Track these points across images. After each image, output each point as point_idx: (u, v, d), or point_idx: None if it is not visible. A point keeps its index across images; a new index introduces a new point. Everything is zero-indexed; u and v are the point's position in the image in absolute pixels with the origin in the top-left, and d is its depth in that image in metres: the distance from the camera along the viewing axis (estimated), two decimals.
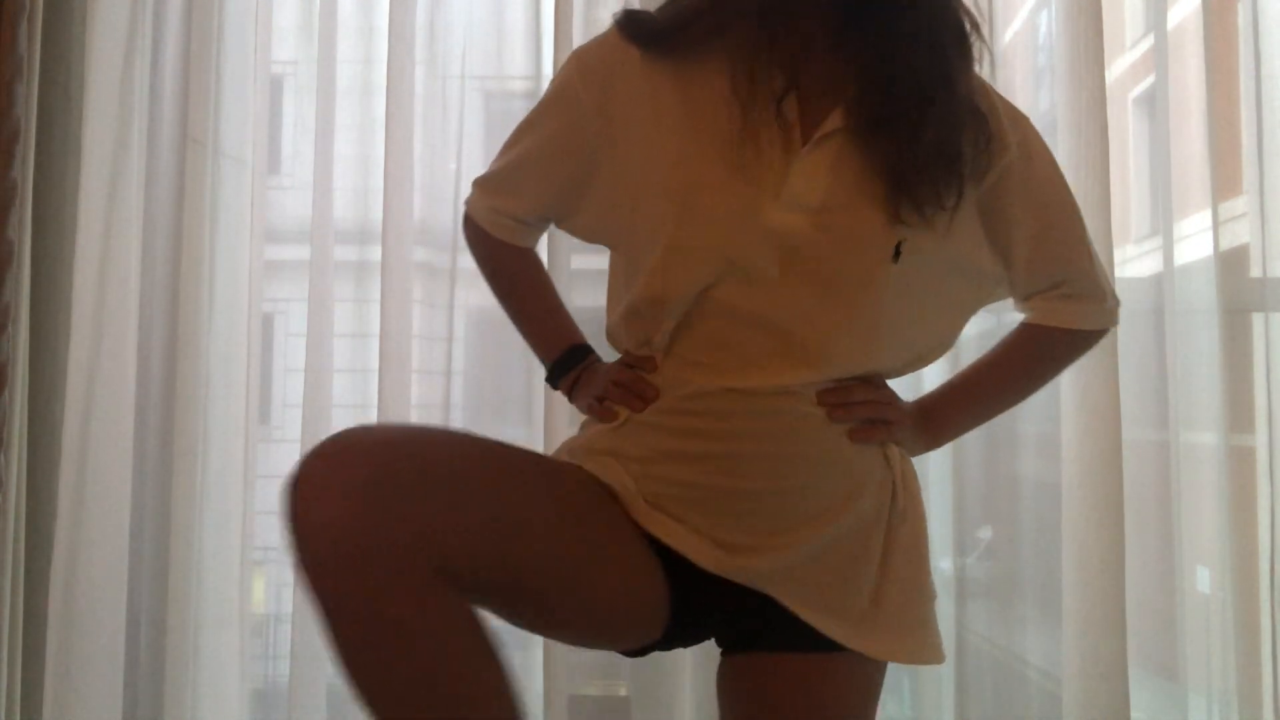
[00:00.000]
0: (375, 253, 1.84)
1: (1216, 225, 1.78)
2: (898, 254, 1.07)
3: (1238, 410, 1.79)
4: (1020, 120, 1.17)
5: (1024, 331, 1.25)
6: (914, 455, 1.22)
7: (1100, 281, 1.22)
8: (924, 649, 1.17)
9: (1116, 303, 1.25)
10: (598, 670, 1.97)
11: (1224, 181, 1.81)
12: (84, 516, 1.77)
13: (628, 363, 1.17)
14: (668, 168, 1.09)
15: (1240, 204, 1.87)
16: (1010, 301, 1.25)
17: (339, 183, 1.89)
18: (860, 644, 1.12)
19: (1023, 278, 1.19)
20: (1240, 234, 1.86)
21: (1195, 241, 1.81)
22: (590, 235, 1.24)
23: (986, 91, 1.15)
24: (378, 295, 1.82)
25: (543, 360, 1.30)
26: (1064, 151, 1.76)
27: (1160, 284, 1.81)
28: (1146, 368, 1.82)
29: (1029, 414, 1.83)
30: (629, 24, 1.15)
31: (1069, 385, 1.74)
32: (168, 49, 1.88)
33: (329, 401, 1.85)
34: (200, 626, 1.82)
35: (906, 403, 1.21)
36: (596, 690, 1.95)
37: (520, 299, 1.33)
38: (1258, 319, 1.84)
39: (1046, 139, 1.20)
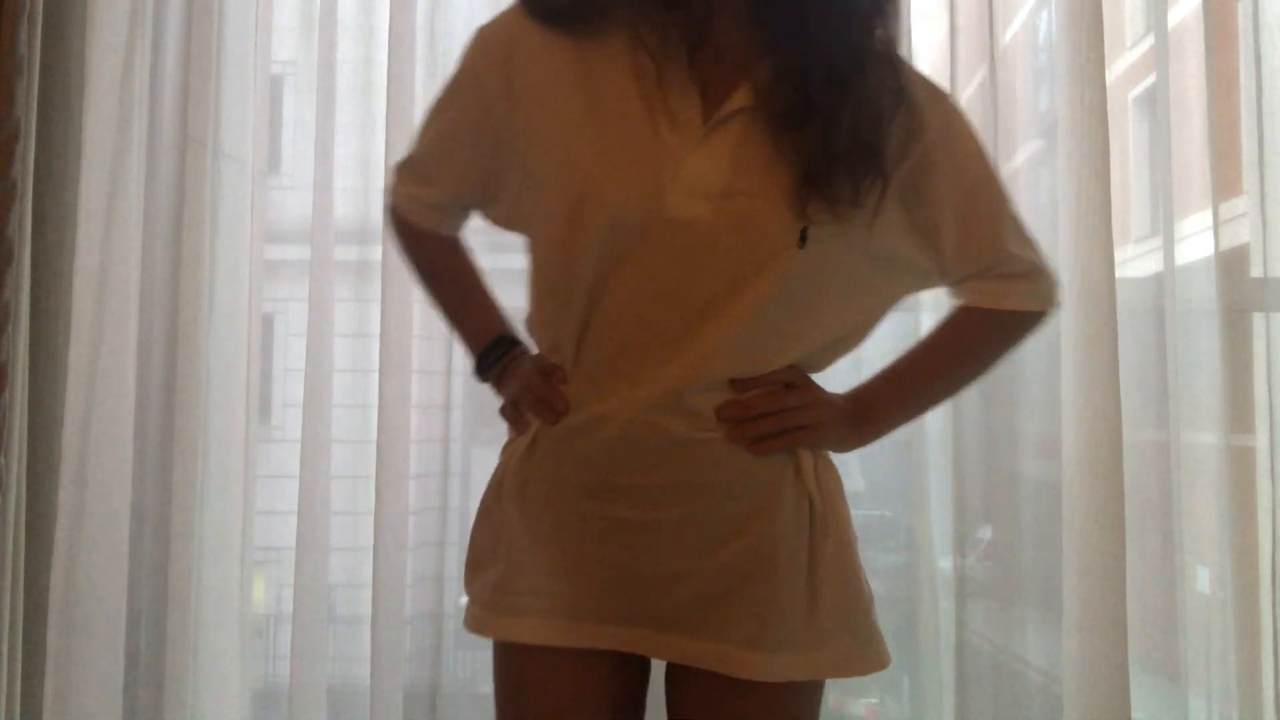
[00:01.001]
0: (375, 253, 1.84)
1: (1217, 225, 1.78)
2: (804, 239, 1.02)
3: (1238, 410, 1.79)
4: (940, 98, 1.12)
5: (959, 315, 1.18)
6: (845, 452, 1.19)
7: (1034, 260, 1.16)
8: (863, 659, 1.12)
9: (1054, 283, 1.18)
10: None
11: (1224, 181, 1.81)
12: (84, 516, 1.76)
13: (542, 368, 1.13)
14: (565, 152, 1.06)
15: (1240, 204, 1.86)
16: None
17: (339, 183, 1.88)
18: (794, 671, 1.07)
19: (953, 261, 1.13)
20: (1240, 234, 1.86)
21: (1195, 241, 1.81)
22: (508, 224, 1.20)
23: (905, 70, 1.10)
24: (378, 295, 1.82)
25: (469, 353, 1.27)
26: (1064, 151, 1.76)
27: (1160, 284, 1.81)
28: (1146, 368, 1.82)
29: (1029, 414, 1.83)
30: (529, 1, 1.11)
31: (1069, 385, 1.74)
32: (168, 49, 1.88)
33: (329, 401, 1.85)
34: (200, 626, 1.82)
35: (836, 396, 1.16)
36: None
37: (445, 288, 1.29)
38: (1258, 319, 1.84)
39: (1046, 139, 1.18)
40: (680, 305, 1.04)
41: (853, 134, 1.02)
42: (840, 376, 1.19)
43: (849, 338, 1.15)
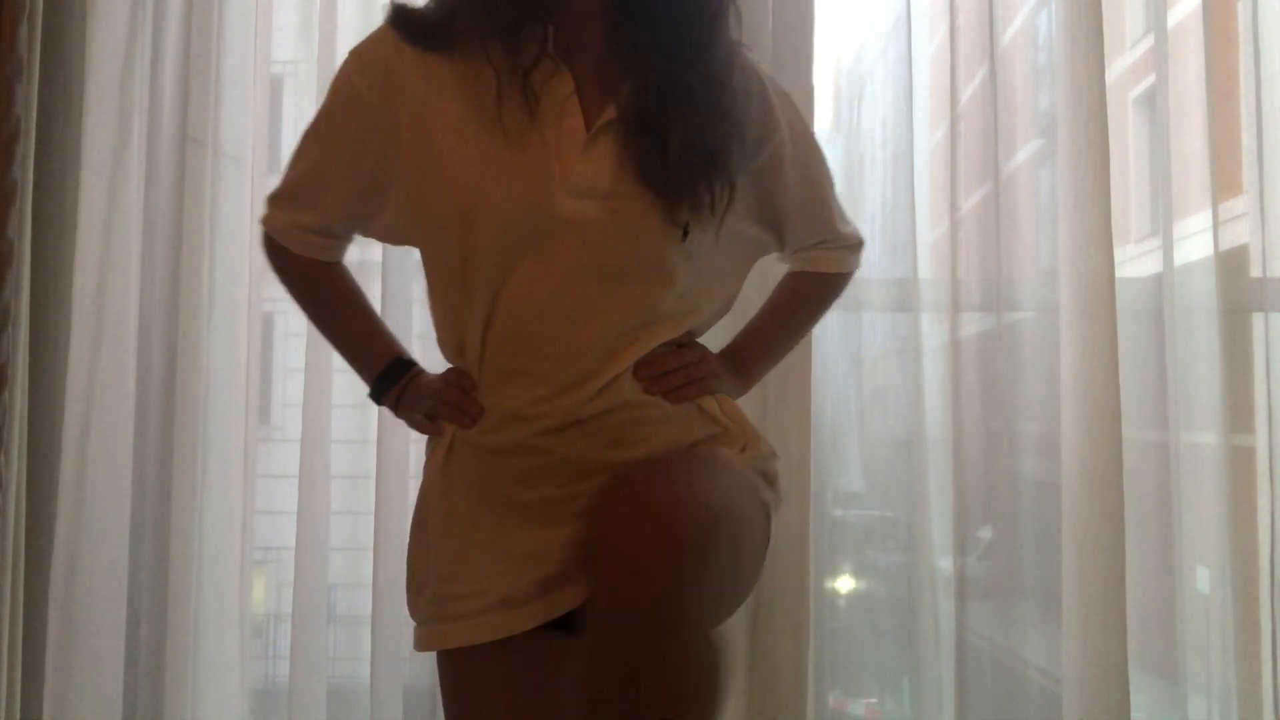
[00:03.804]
0: (375, 253, 1.84)
1: (1216, 225, 1.78)
2: (686, 233, 1.13)
3: (1238, 410, 1.79)
4: (786, 99, 1.26)
5: (795, 279, 1.38)
6: (735, 397, 1.29)
7: (851, 233, 1.36)
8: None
9: (863, 245, 1.39)
10: None
11: (1224, 181, 1.81)
12: (84, 516, 1.76)
13: (454, 381, 1.18)
14: (456, 163, 1.11)
15: (1240, 204, 1.87)
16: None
17: None
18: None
19: (793, 238, 1.31)
20: (1240, 234, 1.86)
21: (1195, 241, 1.81)
22: (393, 237, 1.25)
23: (759, 75, 1.22)
24: (378, 295, 1.82)
25: (365, 377, 1.29)
26: (1064, 151, 1.76)
27: (1160, 284, 1.81)
28: (1146, 368, 1.82)
29: (1029, 414, 1.83)
30: (400, 19, 1.16)
31: (1069, 385, 1.74)
32: (168, 49, 1.88)
33: (329, 401, 1.85)
34: (200, 626, 1.82)
35: (717, 353, 1.29)
36: None
37: (335, 318, 1.32)
38: (1258, 319, 1.84)
39: (1046, 139, 1.21)
40: (578, 301, 1.11)
41: (701, 145, 1.11)
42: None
43: (721, 311, 1.28)
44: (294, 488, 1.82)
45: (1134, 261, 1.97)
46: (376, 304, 1.81)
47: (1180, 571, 1.79)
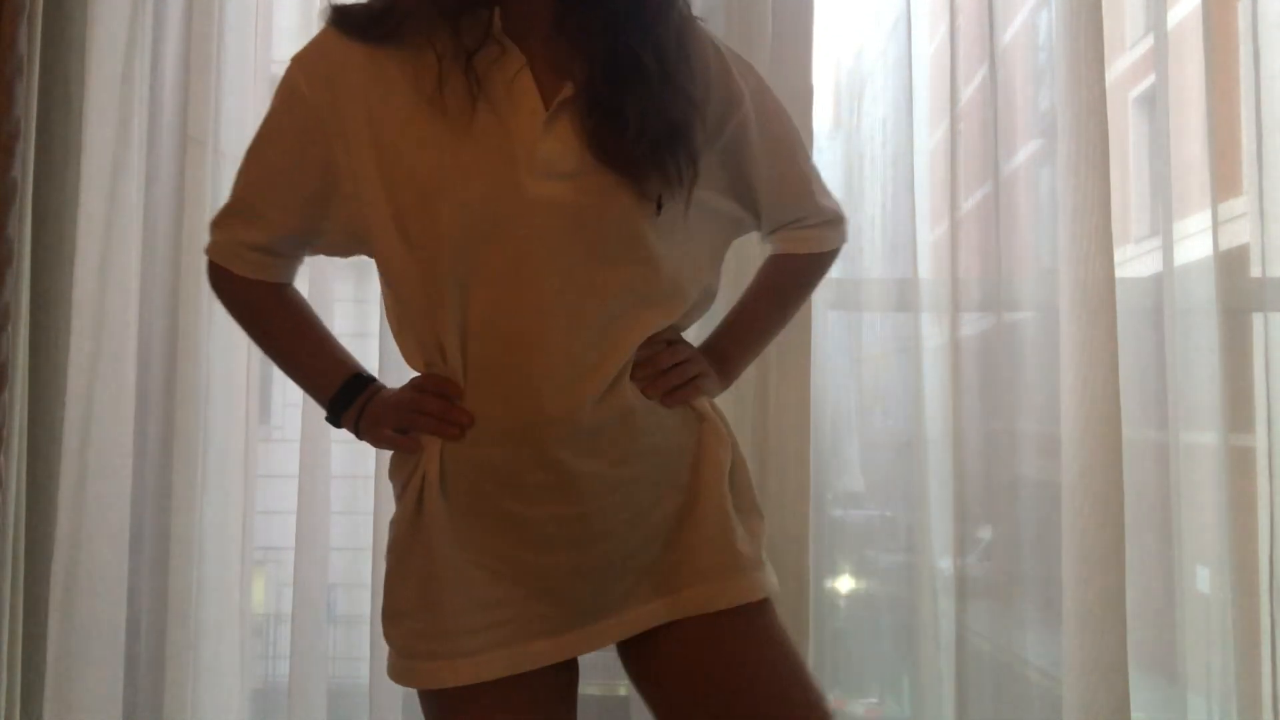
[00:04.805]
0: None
1: (1216, 225, 1.78)
2: (660, 207, 1.09)
3: (1237, 410, 1.79)
4: (749, 70, 1.23)
5: (776, 262, 1.33)
6: (714, 396, 1.25)
7: (830, 207, 1.30)
8: (745, 589, 1.15)
9: (843, 220, 1.33)
10: (598, 670, 1.96)
11: (1224, 181, 1.81)
12: (84, 516, 1.76)
13: (433, 389, 1.12)
14: (412, 152, 1.07)
15: (1240, 204, 1.87)
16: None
17: None
18: (757, 589, 1.14)
19: (767, 216, 1.26)
20: (1240, 234, 1.86)
21: (1195, 241, 1.81)
22: (346, 248, 1.20)
23: (716, 47, 1.19)
24: (378, 295, 1.81)
25: (320, 398, 1.23)
26: (1064, 151, 1.76)
27: (1160, 284, 1.81)
28: (1146, 367, 1.82)
29: (1029, 414, 1.83)
30: (341, 18, 1.13)
31: (1069, 385, 1.74)
32: (168, 49, 1.88)
33: None
34: (200, 626, 1.82)
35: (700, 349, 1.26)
36: (596, 690, 1.95)
37: (286, 340, 1.25)
38: (1258, 319, 1.84)
39: (1046, 139, 1.20)
40: (565, 285, 1.07)
41: (658, 118, 1.08)
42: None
43: (704, 301, 1.23)
44: (294, 488, 1.81)
45: (1134, 261, 1.97)
46: (376, 305, 1.82)
47: (1180, 571, 1.79)
